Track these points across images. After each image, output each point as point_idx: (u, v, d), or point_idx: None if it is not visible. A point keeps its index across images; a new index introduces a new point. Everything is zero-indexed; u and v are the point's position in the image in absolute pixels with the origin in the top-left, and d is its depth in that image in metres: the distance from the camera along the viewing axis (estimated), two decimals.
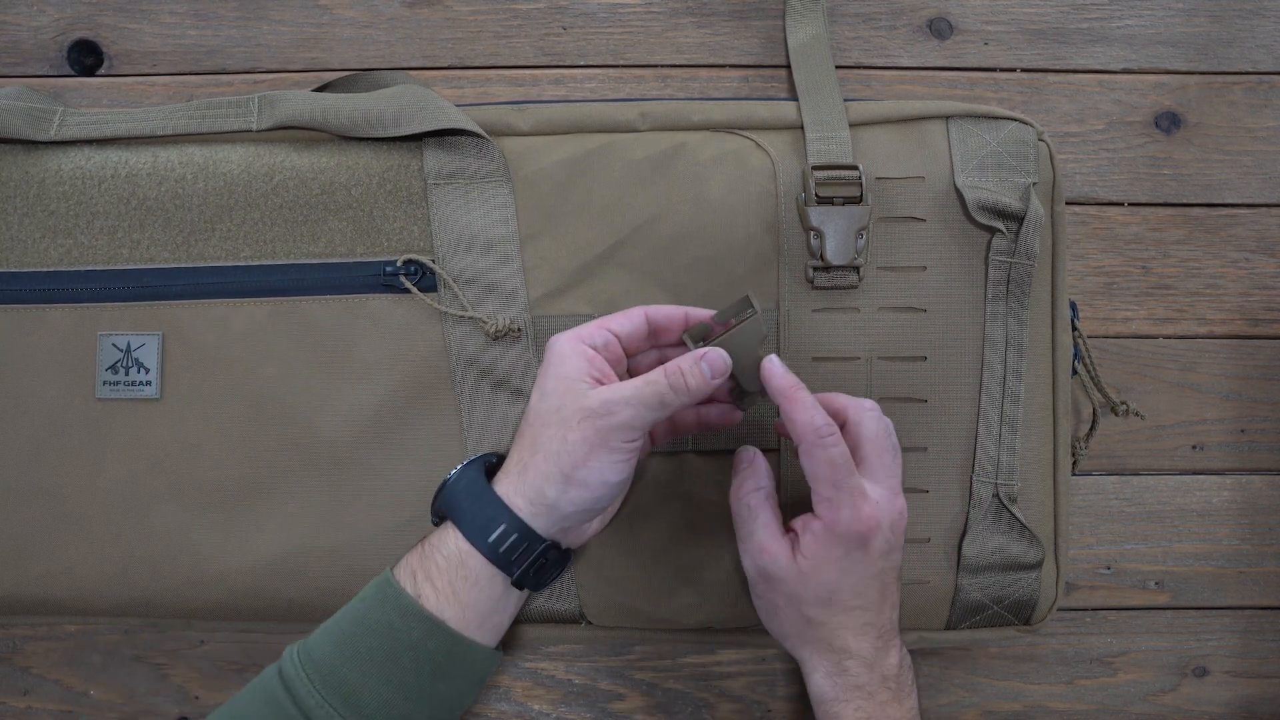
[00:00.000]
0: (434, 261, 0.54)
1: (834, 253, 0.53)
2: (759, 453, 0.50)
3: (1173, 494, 0.62)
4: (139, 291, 0.54)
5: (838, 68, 0.61)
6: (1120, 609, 0.62)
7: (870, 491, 0.46)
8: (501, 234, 0.54)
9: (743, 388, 0.48)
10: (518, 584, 0.46)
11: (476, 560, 0.45)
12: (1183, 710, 0.62)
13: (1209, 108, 0.63)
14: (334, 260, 0.54)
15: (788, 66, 0.61)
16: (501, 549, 0.45)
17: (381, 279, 0.54)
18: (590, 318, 0.54)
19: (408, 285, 0.54)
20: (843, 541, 0.46)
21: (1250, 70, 0.63)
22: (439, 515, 0.48)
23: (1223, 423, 0.63)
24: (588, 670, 0.62)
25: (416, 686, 0.44)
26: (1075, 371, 0.58)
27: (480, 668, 0.46)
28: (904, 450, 0.54)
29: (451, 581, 0.45)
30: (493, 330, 0.53)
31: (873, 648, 0.47)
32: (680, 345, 0.49)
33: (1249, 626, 0.62)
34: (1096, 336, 0.62)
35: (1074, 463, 0.59)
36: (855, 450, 0.47)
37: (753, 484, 0.48)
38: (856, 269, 0.53)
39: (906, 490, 0.54)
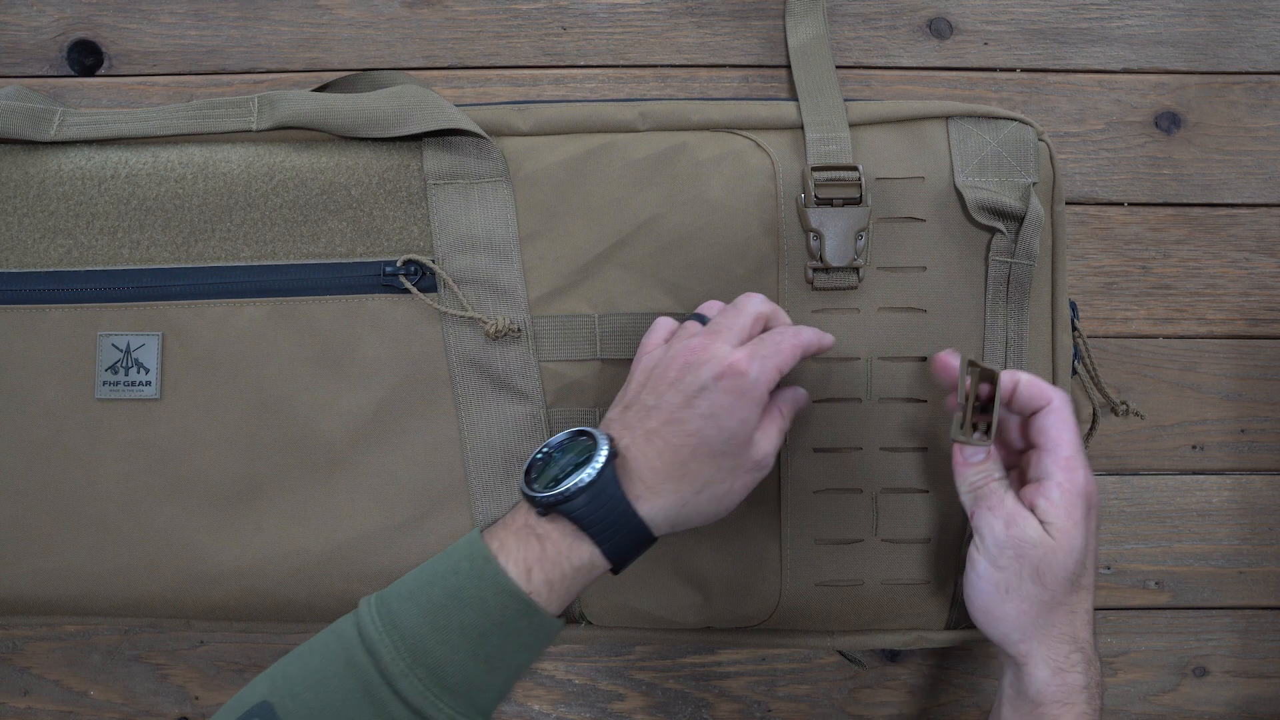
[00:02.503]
0: (434, 261, 0.54)
1: (833, 254, 0.53)
2: (992, 447, 0.49)
3: (1173, 494, 0.62)
4: (139, 292, 0.54)
5: (838, 68, 0.61)
6: (1120, 609, 0.62)
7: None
8: (501, 234, 0.54)
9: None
10: (617, 572, 0.46)
11: (604, 568, 0.45)
12: (1183, 710, 0.62)
13: (1209, 108, 0.63)
14: (334, 260, 0.54)
15: (788, 66, 0.61)
16: (629, 562, 0.46)
17: (381, 279, 0.54)
18: (590, 318, 0.54)
19: (407, 285, 0.54)
20: (1082, 502, 0.46)
21: (1250, 70, 0.63)
22: (547, 508, 0.44)
23: (1223, 423, 0.63)
24: (588, 670, 0.62)
25: (500, 660, 0.44)
26: (1075, 371, 0.58)
27: (552, 635, 0.46)
28: (904, 451, 0.54)
29: (572, 584, 0.44)
30: (492, 330, 0.53)
31: (1092, 642, 0.46)
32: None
33: (1249, 626, 0.62)
34: (1096, 336, 0.62)
35: None
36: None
37: (1000, 469, 0.48)
38: (856, 270, 0.53)
39: (907, 491, 0.54)
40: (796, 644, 0.56)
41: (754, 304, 0.48)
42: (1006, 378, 0.48)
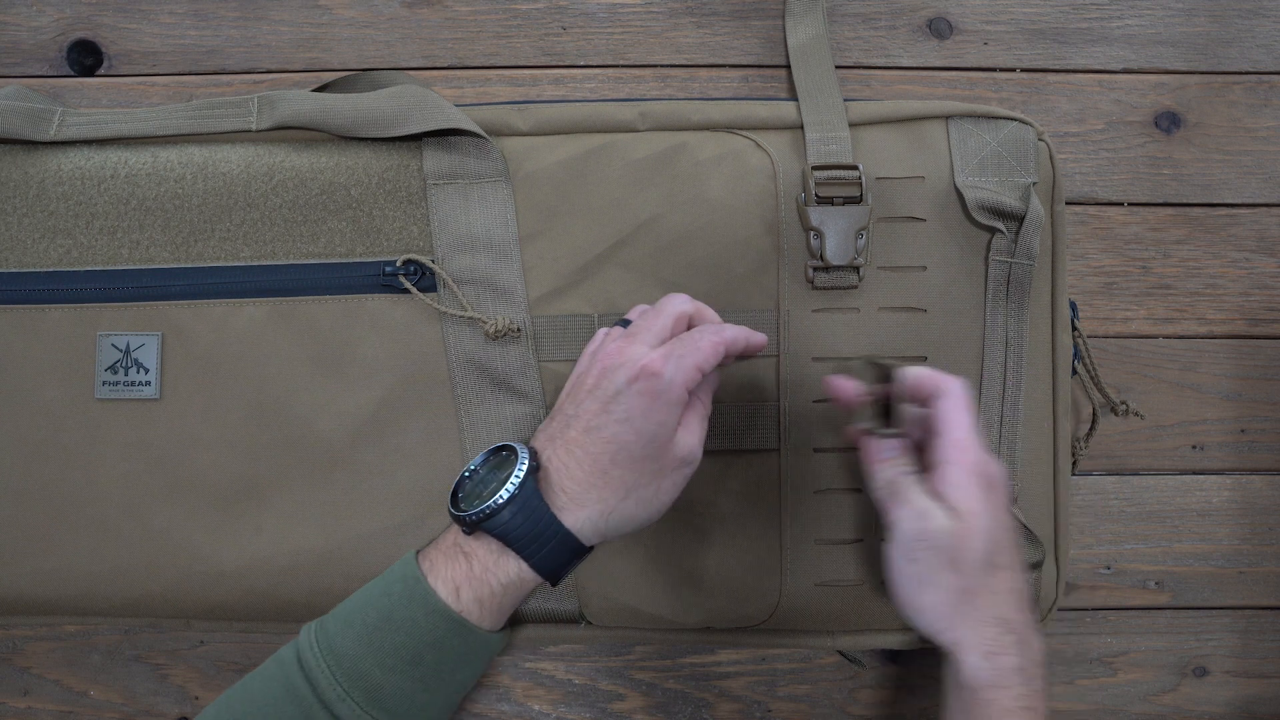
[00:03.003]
0: (433, 261, 0.54)
1: (834, 253, 0.53)
2: (899, 438, 0.49)
3: (1173, 494, 0.62)
4: (138, 292, 0.54)
5: (837, 68, 0.61)
6: (1120, 609, 0.62)
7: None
8: (501, 234, 0.54)
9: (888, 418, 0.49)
10: (554, 583, 0.46)
11: (534, 582, 0.45)
12: (1183, 710, 0.62)
13: (1209, 108, 0.63)
14: (333, 260, 0.54)
15: (787, 66, 0.61)
16: (564, 574, 0.46)
17: (381, 279, 0.54)
18: (590, 318, 0.54)
19: (407, 285, 0.54)
20: (980, 479, 0.45)
21: (1250, 70, 0.63)
22: (471, 526, 0.45)
23: (1223, 423, 0.62)
24: (588, 670, 0.62)
25: (436, 678, 0.44)
26: (1075, 371, 0.58)
27: (492, 652, 0.46)
28: None
29: (503, 601, 0.45)
30: (492, 330, 0.53)
31: (1024, 621, 0.45)
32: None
33: (1249, 626, 0.62)
34: (1096, 336, 0.62)
35: (1074, 463, 0.59)
36: None
37: (909, 463, 0.48)
38: (856, 269, 0.53)
39: None
40: (796, 644, 0.56)
41: (674, 304, 0.47)
42: (902, 372, 0.48)
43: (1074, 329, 0.57)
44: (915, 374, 0.48)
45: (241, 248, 0.54)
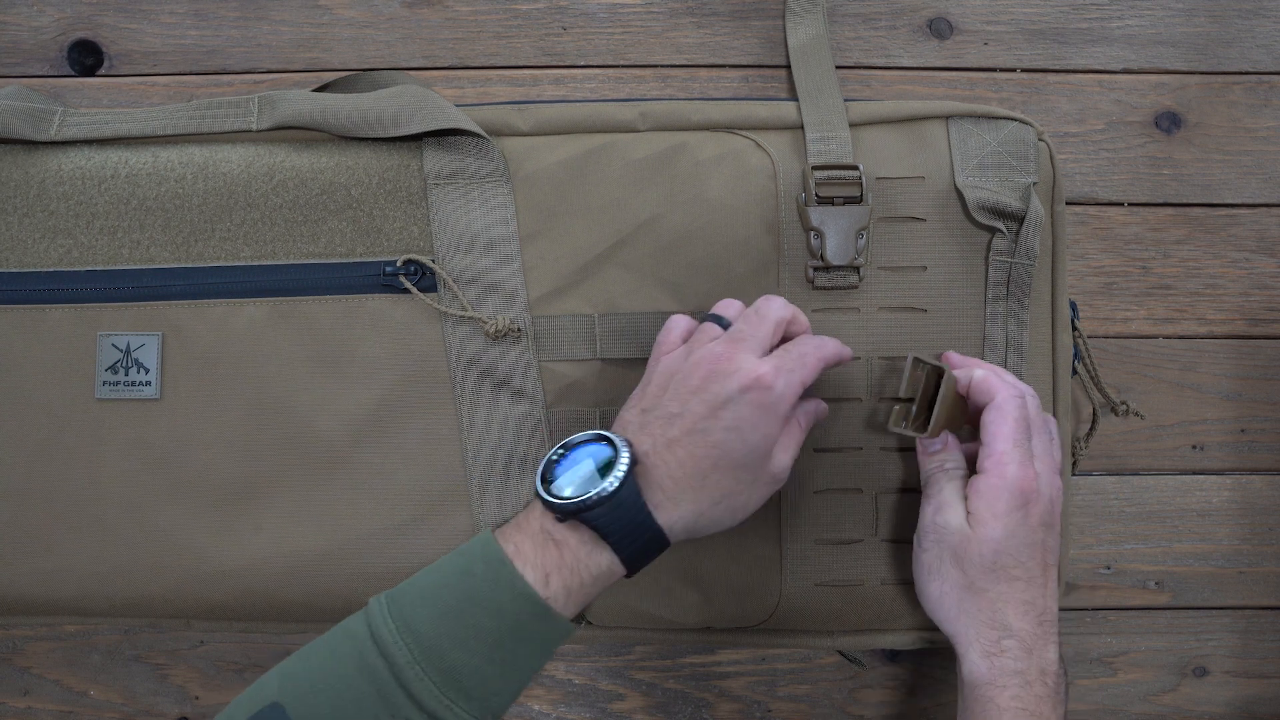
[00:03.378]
0: (434, 261, 0.54)
1: (834, 253, 0.53)
2: (953, 436, 0.51)
3: (1173, 494, 0.62)
4: (139, 292, 0.54)
5: (837, 68, 0.61)
6: (1120, 609, 0.62)
7: (1037, 460, 0.48)
8: (501, 234, 0.54)
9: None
10: (630, 576, 0.46)
11: (619, 575, 0.45)
12: (1183, 710, 0.62)
13: (1209, 108, 0.63)
14: (334, 260, 0.54)
15: (788, 66, 0.61)
16: (641, 568, 0.46)
17: (381, 279, 0.54)
18: (590, 318, 0.54)
19: (407, 285, 0.54)
20: (1007, 496, 0.47)
21: (1250, 70, 0.63)
22: (566, 514, 0.44)
23: (1223, 423, 0.63)
24: (588, 670, 0.62)
25: (513, 663, 0.44)
26: (1075, 371, 0.58)
27: (563, 639, 0.46)
28: (904, 451, 0.54)
29: (590, 592, 0.44)
30: (492, 330, 0.53)
31: (1033, 632, 0.47)
32: None
33: (1249, 626, 0.62)
34: (1096, 336, 0.62)
35: (1074, 463, 0.59)
36: None
37: (954, 460, 0.50)
38: (857, 269, 0.53)
39: (907, 491, 0.54)
40: (796, 644, 0.56)
41: (775, 309, 0.48)
42: (962, 374, 0.50)
43: (1074, 329, 0.57)
44: (976, 378, 0.50)
45: (242, 248, 0.54)
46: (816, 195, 0.53)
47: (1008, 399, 0.49)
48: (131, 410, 0.54)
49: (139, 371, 0.54)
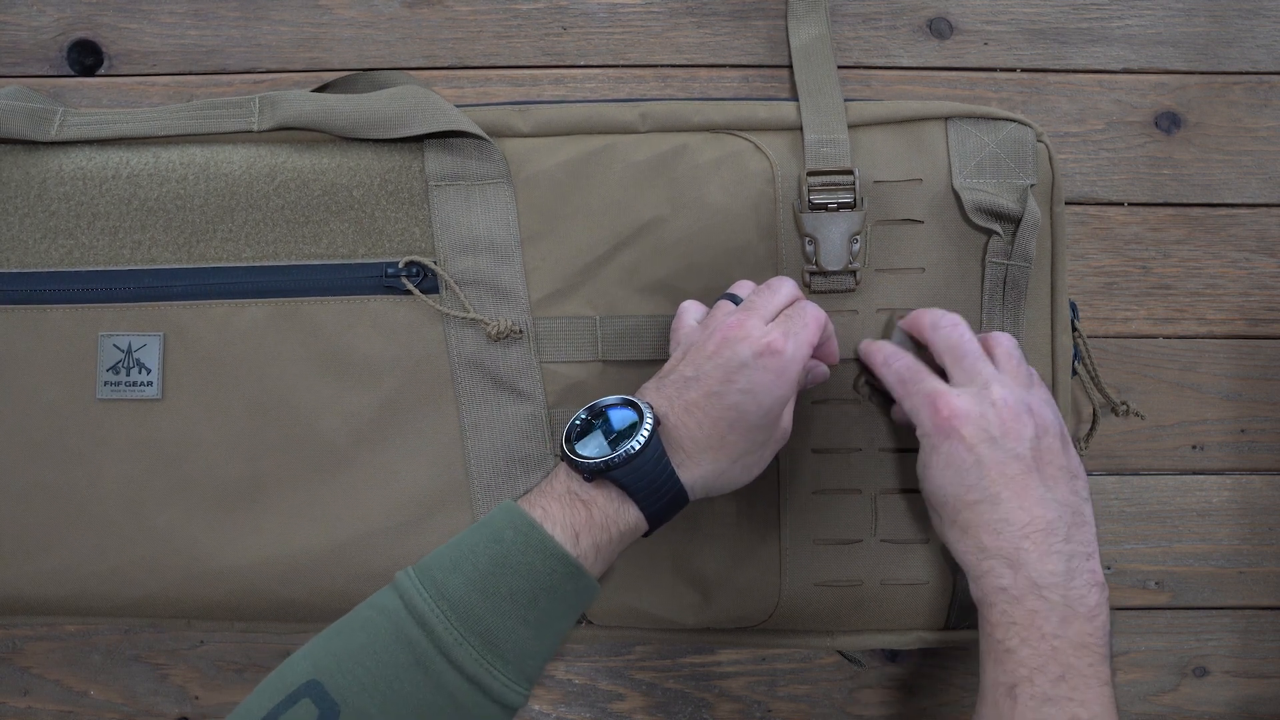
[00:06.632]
0: (435, 263, 0.54)
1: (828, 258, 0.53)
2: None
3: (1173, 494, 0.62)
4: (140, 292, 0.54)
5: (838, 68, 0.61)
6: (1120, 609, 0.62)
7: (948, 390, 0.48)
8: (503, 235, 0.54)
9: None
10: (649, 534, 0.48)
11: (643, 531, 0.47)
12: (1183, 710, 0.62)
13: (1209, 108, 0.63)
14: (335, 261, 0.54)
15: (788, 67, 0.61)
16: (662, 524, 0.47)
17: (383, 280, 0.54)
18: (591, 320, 0.54)
19: (409, 286, 0.54)
20: (929, 440, 0.48)
21: (1250, 70, 0.63)
22: (594, 473, 0.45)
23: (1223, 423, 0.63)
24: (588, 670, 0.62)
25: (547, 623, 0.44)
26: (1075, 372, 0.58)
27: (592, 598, 0.46)
28: (903, 451, 0.54)
29: (616, 548, 0.46)
30: (494, 331, 0.53)
31: (1016, 546, 0.46)
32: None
33: (1249, 626, 0.62)
34: (1096, 336, 0.62)
35: None
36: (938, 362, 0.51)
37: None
38: (853, 273, 0.54)
39: (907, 491, 0.54)
40: (796, 644, 0.56)
41: (787, 287, 0.50)
42: (904, 321, 0.53)
43: (1074, 329, 0.57)
44: (901, 322, 0.53)
45: (243, 248, 0.54)
46: (810, 201, 0.53)
47: (944, 328, 0.50)
48: (133, 410, 0.54)
49: (140, 372, 0.54)
